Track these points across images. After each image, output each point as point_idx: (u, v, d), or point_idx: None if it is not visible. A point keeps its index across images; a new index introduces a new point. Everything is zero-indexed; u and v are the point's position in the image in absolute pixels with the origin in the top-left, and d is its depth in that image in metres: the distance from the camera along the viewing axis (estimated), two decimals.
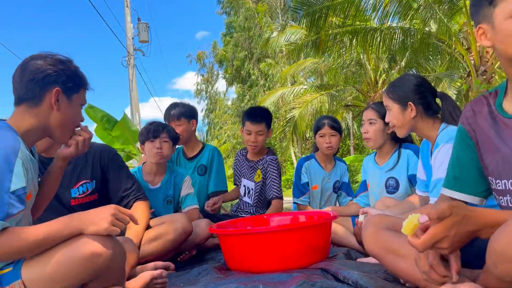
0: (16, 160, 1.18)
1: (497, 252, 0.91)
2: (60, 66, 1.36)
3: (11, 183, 1.15)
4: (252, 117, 2.90)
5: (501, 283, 0.98)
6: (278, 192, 2.90)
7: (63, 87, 1.35)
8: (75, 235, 1.19)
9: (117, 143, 6.36)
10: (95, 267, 1.18)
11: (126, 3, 12.31)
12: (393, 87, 1.91)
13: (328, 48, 9.55)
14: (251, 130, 2.88)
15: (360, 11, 8.04)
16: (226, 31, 23.30)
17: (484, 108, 1.24)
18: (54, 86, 1.34)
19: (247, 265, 1.86)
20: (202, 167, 3.07)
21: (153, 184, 2.54)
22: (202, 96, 26.32)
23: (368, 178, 2.70)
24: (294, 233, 1.83)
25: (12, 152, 1.18)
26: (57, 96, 1.34)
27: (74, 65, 1.42)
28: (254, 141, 2.88)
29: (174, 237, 2.09)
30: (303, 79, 18.22)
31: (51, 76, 1.33)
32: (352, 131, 16.33)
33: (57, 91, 1.34)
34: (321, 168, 3.02)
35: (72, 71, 1.39)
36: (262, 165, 2.97)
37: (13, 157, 1.18)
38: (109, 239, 1.22)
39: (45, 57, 1.37)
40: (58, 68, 1.35)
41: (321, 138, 2.93)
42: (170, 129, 2.58)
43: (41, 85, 1.32)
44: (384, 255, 1.36)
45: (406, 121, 1.86)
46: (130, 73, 12.28)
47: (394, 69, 11.88)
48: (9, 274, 1.18)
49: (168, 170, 2.60)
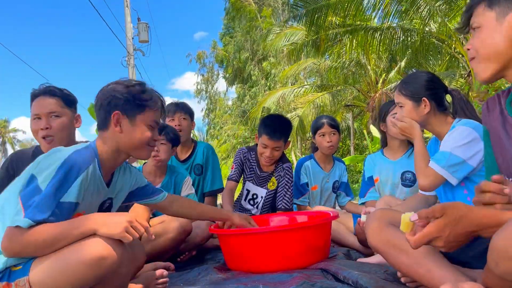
0: (79, 177, 1.26)
1: (499, 250, 0.91)
2: (123, 89, 1.41)
3: (65, 194, 1.23)
4: (271, 132, 2.61)
5: (502, 282, 0.98)
6: (289, 203, 2.76)
7: (123, 109, 1.40)
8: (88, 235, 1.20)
9: None
10: (102, 270, 1.18)
11: (126, 3, 12.31)
12: (405, 83, 1.91)
13: (328, 47, 9.56)
14: (268, 145, 2.64)
15: (360, 11, 8.03)
16: (224, 31, 23.29)
17: (496, 106, 1.24)
18: (115, 110, 1.39)
19: (247, 265, 1.85)
20: (198, 166, 3.02)
21: (154, 185, 2.51)
22: (202, 96, 26.32)
23: (377, 173, 2.71)
24: (294, 233, 1.83)
25: (79, 168, 1.27)
26: (117, 119, 1.40)
27: (140, 87, 1.44)
28: (270, 156, 2.67)
29: (174, 236, 2.10)
30: (304, 78, 18.22)
31: (112, 101, 1.39)
32: (352, 131, 16.31)
33: (116, 114, 1.39)
34: (320, 168, 3.02)
35: (133, 93, 1.41)
36: (278, 172, 2.84)
37: (78, 172, 1.26)
38: (118, 244, 1.22)
39: (117, 83, 1.43)
40: (119, 92, 1.40)
41: (321, 137, 2.93)
42: (169, 131, 2.51)
43: (106, 111, 1.40)
44: (387, 250, 1.36)
45: (420, 117, 1.86)
46: (130, 73, 12.28)
47: (394, 69, 11.88)
48: (19, 271, 1.20)
49: (169, 171, 2.57)
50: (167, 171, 2.57)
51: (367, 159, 2.82)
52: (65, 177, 1.23)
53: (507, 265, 0.90)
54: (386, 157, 2.70)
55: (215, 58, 24.55)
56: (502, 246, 0.90)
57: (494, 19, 1.14)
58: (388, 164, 2.66)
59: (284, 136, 2.66)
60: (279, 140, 2.63)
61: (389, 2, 7.42)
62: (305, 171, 2.98)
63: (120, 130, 1.40)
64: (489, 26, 1.15)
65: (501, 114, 1.22)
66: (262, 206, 2.90)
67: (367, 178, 2.76)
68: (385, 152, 2.72)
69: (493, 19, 1.14)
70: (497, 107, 1.24)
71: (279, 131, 2.63)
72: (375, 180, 2.71)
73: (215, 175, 3.04)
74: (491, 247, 0.94)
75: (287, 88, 13.49)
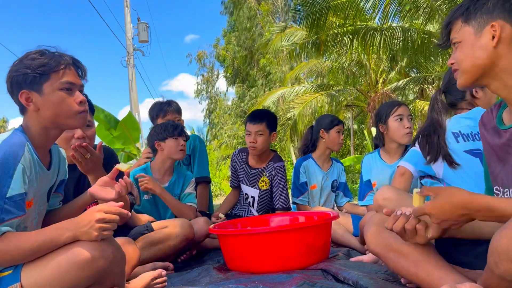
0: (18, 166, 1.18)
1: (499, 251, 0.92)
2: (18, 66, 1.28)
3: (8, 189, 1.15)
4: (251, 117, 2.87)
5: (503, 283, 0.98)
6: (286, 202, 2.82)
7: (26, 85, 1.27)
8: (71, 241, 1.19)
9: (117, 143, 6.36)
10: (94, 272, 1.18)
11: (126, 3, 12.31)
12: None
13: (329, 48, 9.55)
14: (251, 131, 2.82)
15: (361, 11, 8.03)
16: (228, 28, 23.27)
17: (490, 119, 1.28)
18: (19, 89, 1.28)
19: (247, 265, 1.85)
20: (186, 157, 3.04)
21: (161, 183, 2.52)
22: (202, 96, 26.31)
23: (374, 177, 2.70)
24: (294, 233, 1.83)
25: (14, 158, 1.18)
26: (26, 98, 1.28)
27: (35, 55, 1.29)
28: (253, 141, 2.79)
29: (175, 244, 2.10)
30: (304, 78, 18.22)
31: (14, 82, 1.28)
32: (352, 131, 16.31)
33: (23, 94, 1.28)
34: (319, 167, 3.03)
35: (28, 65, 1.27)
36: (270, 172, 2.89)
37: (14, 162, 1.17)
38: (108, 242, 1.21)
39: (13, 63, 1.31)
40: (16, 69, 1.28)
41: (338, 134, 2.99)
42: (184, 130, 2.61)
43: (15, 94, 1.30)
44: (386, 254, 1.36)
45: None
46: (130, 73, 12.28)
47: (394, 69, 11.89)
48: (9, 277, 1.18)
49: (176, 171, 2.61)
50: (174, 170, 2.60)
51: (364, 160, 2.81)
52: (2, 171, 1.15)
53: (507, 265, 0.91)
54: (382, 160, 2.67)
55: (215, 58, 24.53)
56: (503, 247, 0.90)
57: (472, 34, 1.18)
58: (385, 168, 2.64)
59: (265, 121, 2.82)
60: (259, 124, 2.81)
61: (389, 2, 7.42)
62: (304, 170, 2.98)
63: (36, 108, 1.28)
64: (468, 41, 1.19)
65: (493, 126, 1.25)
66: (257, 206, 2.93)
67: (365, 181, 2.75)
68: (382, 155, 2.69)
69: (471, 34, 1.18)
70: (491, 119, 1.27)
71: (258, 116, 2.87)
72: (373, 184, 2.69)
73: (201, 163, 3.07)
74: (491, 248, 0.95)
75: (286, 88, 13.49)
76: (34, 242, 1.16)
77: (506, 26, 1.12)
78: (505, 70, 1.14)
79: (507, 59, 1.13)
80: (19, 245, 1.15)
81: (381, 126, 2.62)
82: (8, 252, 1.14)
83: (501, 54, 1.13)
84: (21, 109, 1.32)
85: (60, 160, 1.48)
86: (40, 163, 1.30)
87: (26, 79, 1.27)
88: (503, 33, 1.12)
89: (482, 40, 1.15)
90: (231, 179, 3.11)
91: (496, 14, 1.14)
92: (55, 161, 1.42)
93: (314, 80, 16.53)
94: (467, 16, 1.19)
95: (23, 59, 1.29)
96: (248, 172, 2.96)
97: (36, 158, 1.28)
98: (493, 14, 1.14)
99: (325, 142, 3.00)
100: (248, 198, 2.99)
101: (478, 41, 1.16)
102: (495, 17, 1.14)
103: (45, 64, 1.27)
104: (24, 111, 1.32)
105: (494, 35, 1.13)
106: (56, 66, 1.29)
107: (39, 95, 1.28)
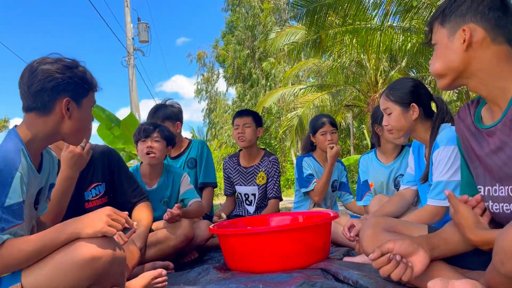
0: (16, 175, 1.16)
1: (506, 250, 0.92)
2: (68, 73, 1.30)
3: (6, 198, 1.14)
4: (238, 113, 3.11)
5: (508, 282, 0.99)
6: (278, 192, 2.99)
7: (72, 94, 1.31)
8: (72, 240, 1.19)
9: (118, 143, 6.36)
10: (95, 271, 1.17)
11: (126, 3, 12.30)
12: (393, 89, 1.90)
13: (328, 47, 9.54)
14: (239, 124, 2.99)
15: (361, 10, 8.02)
16: (226, 30, 23.26)
17: (467, 116, 1.28)
18: (64, 95, 1.29)
19: (247, 265, 1.85)
20: (192, 160, 3.05)
21: (150, 186, 2.45)
22: (202, 96, 26.29)
23: (371, 178, 2.72)
24: (294, 233, 1.83)
25: (11, 166, 1.16)
26: (68, 105, 1.30)
27: (81, 68, 1.36)
28: (241, 132, 2.95)
29: (176, 244, 2.10)
30: (304, 78, 18.21)
31: (59, 85, 1.28)
32: (352, 131, 16.32)
33: (67, 101, 1.30)
34: (320, 165, 3.03)
35: (80, 76, 1.33)
36: (265, 167, 3.01)
37: (11, 171, 1.16)
38: (108, 241, 1.21)
39: (52, 63, 1.30)
40: (66, 75, 1.29)
41: (323, 136, 2.95)
42: (163, 129, 2.45)
43: (50, 95, 1.27)
44: None
45: (407, 124, 1.85)
46: (130, 73, 12.27)
47: (394, 69, 11.88)
48: (8, 277, 1.18)
49: (165, 171, 2.50)
50: (163, 171, 2.50)
51: (361, 160, 2.82)
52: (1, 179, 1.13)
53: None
54: (379, 160, 2.69)
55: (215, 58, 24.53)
56: (508, 246, 0.91)
57: (446, 36, 1.18)
58: (381, 169, 2.66)
59: (251, 115, 3.04)
60: (246, 117, 3.02)
61: (389, 1, 7.41)
62: (307, 164, 2.99)
63: (68, 117, 1.31)
64: (443, 43, 1.20)
65: (471, 124, 1.25)
66: (257, 202, 3.00)
67: (362, 181, 2.77)
68: (379, 155, 2.72)
69: (445, 36, 1.19)
70: (468, 117, 1.27)
71: (245, 111, 3.16)
72: (370, 185, 2.71)
73: (208, 169, 3.09)
74: (497, 247, 0.95)
75: (287, 88, 13.49)
76: (38, 242, 1.16)
77: (477, 29, 1.13)
78: (481, 70, 1.14)
79: (479, 61, 1.14)
80: (23, 248, 1.15)
81: (377, 127, 2.62)
82: (12, 256, 1.14)
83: (472, 57, 1.14)
84: (44, 110, 1.28)
85: (51, 163, 1.47)
86: (32, 167, 1.27)
87: (75, 88, 1.32)
88: (474, 37, 1.13)
89: (454, 44, 1.16)
90: (225, 187, 3.22)
91: (469, 17, 1.14)
92: (45, 164, 1.41)
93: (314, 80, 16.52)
94: (443, 19, 1.20)
95: (69, 66, 1.31)
96: (243, 172, 3.06)
97: (29, 162, 1.26)
98: (466, 18, 1.15)
99: (317, 145, 3.03)
100: (249, 197, 3.01)
101: (451, 44, 1.17)
102: (467, 21, 1.14)
103: (91, 81, 1.38)
104: (46, 113, 1.29)
105: (465, 39, 1.14)
106: (95, 86, 1.40)
107: (77, 107, 1.34)
